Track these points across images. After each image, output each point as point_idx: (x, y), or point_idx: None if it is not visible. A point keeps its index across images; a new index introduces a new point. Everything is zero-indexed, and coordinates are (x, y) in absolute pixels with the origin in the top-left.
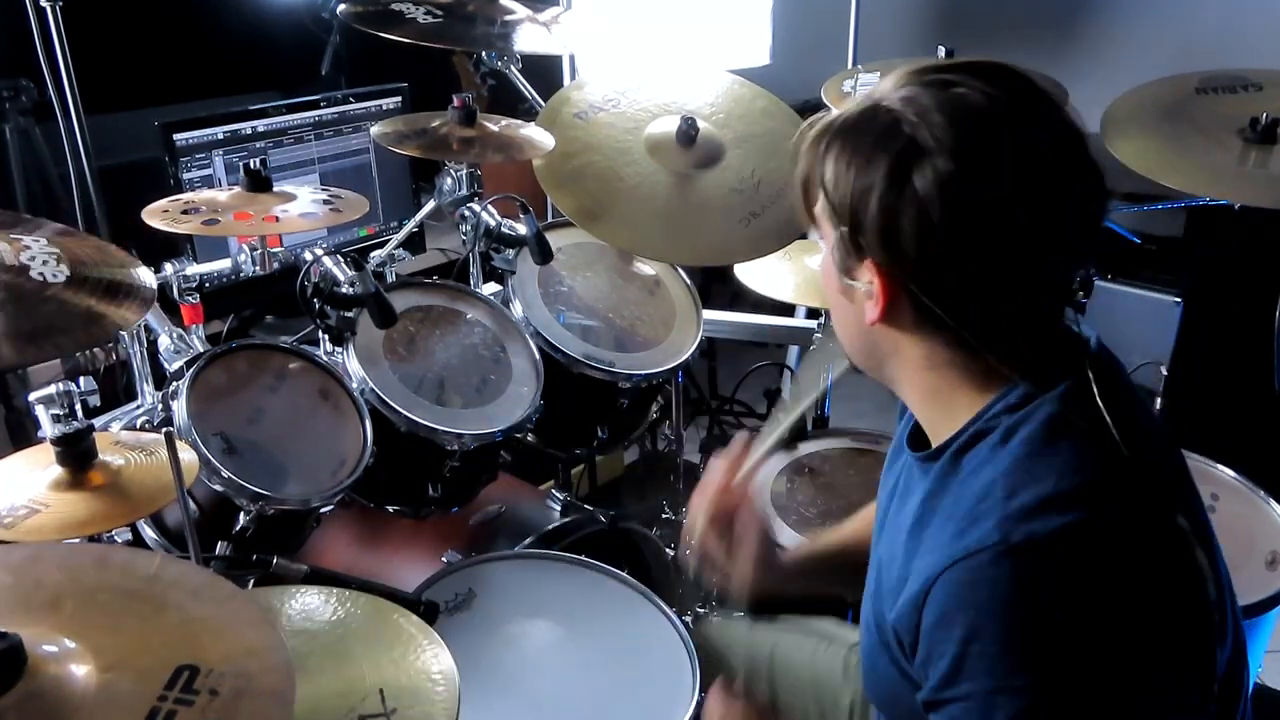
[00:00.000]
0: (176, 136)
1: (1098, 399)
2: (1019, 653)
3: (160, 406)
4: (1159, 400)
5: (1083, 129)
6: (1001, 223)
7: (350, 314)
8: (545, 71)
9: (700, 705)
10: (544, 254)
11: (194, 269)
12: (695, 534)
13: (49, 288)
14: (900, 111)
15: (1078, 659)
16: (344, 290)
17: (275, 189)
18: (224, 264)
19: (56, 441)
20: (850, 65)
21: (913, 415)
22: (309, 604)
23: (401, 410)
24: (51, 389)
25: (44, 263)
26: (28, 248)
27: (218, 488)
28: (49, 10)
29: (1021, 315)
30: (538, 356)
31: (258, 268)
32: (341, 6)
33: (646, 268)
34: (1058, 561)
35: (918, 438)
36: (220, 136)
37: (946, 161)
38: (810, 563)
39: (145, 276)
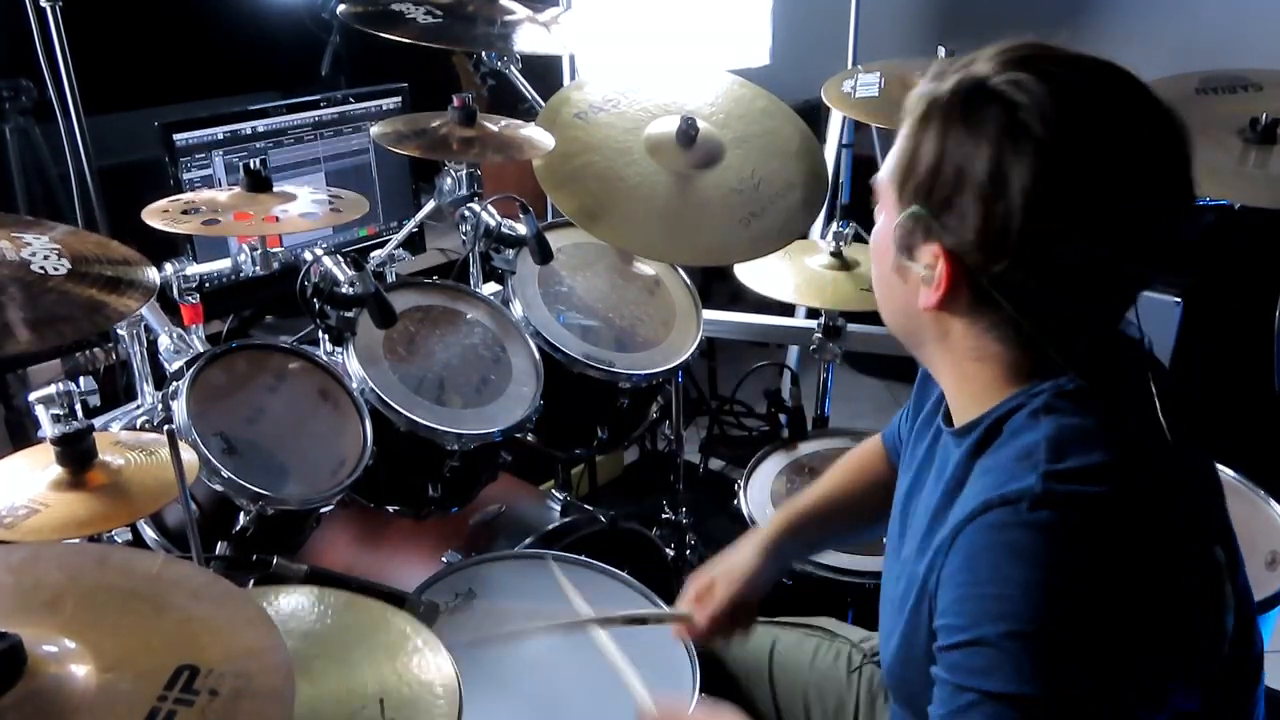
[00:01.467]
0: (176, 136)
1: (1155, 395)
2: (1040, 603)
3: (160, 406)
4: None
5: (1189, 140)
6: (1096, 230)
7: (350, 314)
8: (545, 71)
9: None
10: (544, 254)
11: (194, 269)
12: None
13: (50, 279)
14: (1010, 97)
15: (1094, 623)
16: (344, 290)
17: (275, 189)
18: (224, 264)
19: (56, 441)
20: (850, 65)
21: (942, 395)
22: (308, 607)
23: (401, 410)
24: (51, 389)
25: (45, 258)
26: (29, 244)
27: (218, 488)
28: (49, 10)
29: (1089, 317)
30: (538, 356)
31: (258, 268)
32: (341, 6)
33: (646, 268)
34: (1097, 522)
35: (949, 413)
36: (220, 136)
37: (1054, 160)
38: (790, 543)
39: (146, 269)
